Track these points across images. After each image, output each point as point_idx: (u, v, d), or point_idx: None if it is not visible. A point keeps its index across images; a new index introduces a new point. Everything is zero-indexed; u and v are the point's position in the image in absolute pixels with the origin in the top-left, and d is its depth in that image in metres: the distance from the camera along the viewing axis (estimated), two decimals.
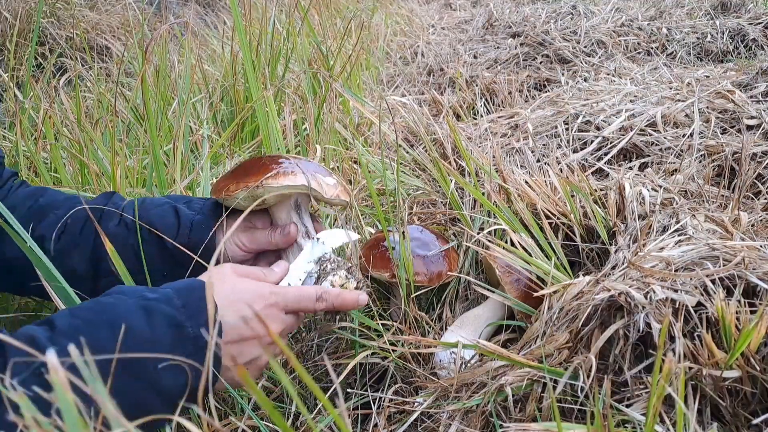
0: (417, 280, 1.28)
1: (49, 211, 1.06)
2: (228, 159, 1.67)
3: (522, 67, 2.97)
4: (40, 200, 1.08)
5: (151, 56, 2.24)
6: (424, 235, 1.38)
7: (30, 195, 1.10)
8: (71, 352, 0.44)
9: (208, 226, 1.06)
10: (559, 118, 1.99)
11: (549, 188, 1.46)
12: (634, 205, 1.33)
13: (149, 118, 1.34)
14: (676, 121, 1.84)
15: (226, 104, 2.23)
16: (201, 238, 1.05)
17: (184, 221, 1.07)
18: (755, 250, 1.03)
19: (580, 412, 0.94)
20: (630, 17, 3.37)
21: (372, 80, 2.99)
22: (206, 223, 1.07)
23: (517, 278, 1.25)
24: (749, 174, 1.50)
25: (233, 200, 1.05)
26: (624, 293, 0.94)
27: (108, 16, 4.10)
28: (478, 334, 1.22)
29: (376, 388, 1.22)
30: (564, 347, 1.00)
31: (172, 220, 1.06)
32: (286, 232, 1.08)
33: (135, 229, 1.04)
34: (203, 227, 1.06)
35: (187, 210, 1.09)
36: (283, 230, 1.08)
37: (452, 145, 1.87)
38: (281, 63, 2.19)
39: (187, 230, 1.06)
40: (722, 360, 0.84)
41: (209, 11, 5.18)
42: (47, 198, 1.09)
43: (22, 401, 0.43)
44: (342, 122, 1.98)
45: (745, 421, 0.86)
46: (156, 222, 1.05)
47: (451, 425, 1.00)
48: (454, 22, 4.44)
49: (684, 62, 2.92)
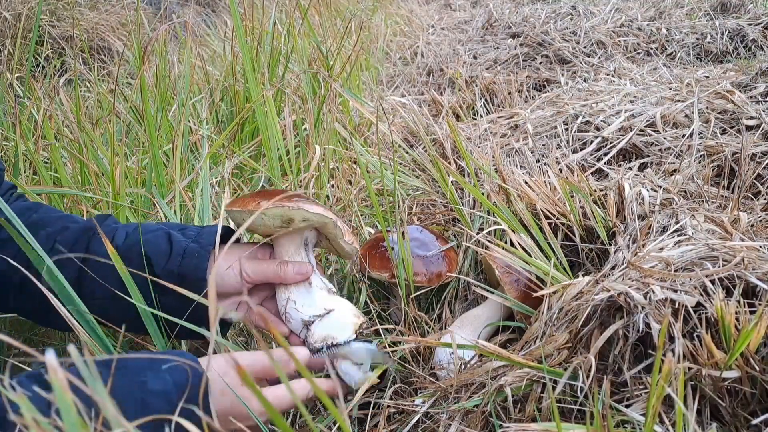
0: (416, 280, 1.28)
1: (40, 228, 1.02)
2: (227, 159, 1.67)
3: (522, 68, 2.97)
4: (33, 216, 1.06)
5: (151, 56, 2.24)
6: (423, 236, 1.38)
7: (23, 210, 1.07)
8: (70, 352, 0.44)
9: (201, 255, 1.03)
10: (558, 119, 1.99)
11: (548, 188, 1.46)
12: (633, 206, 1.33)
13: (148, 118, 1.34)
14: (676, 121, 1.84)
15: (226, 104, 2.23)
16: (193, 265, 1.02)
17: (177, 248, 1.03)
18: (755, 250, 1.03)
19: (580, 412, 0.94)
20: (629, 17, 3.37)
21: (372, 80, 2.99)
22: (199, 252, 1.03)
23: (516, 278, 1.25)
24: (749, 174, 1.50)
25: (260, 217, 1.02)
26: (623, 293, 0.94)
27: (108, 16, 4.10)
28: (477, 334, 1.22)
29: (376, 389, 1.22)
30: (563, 347, 1.00)
31: (164, 247, 1.03)
32: (303, 270, 1.05)
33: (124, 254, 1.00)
34: (196, 255, 1.02)
35: (181, 237, 1.05)
36: (299, 267, 1.05)
37: (452, 146, 1.87)
38: (281, 63, 2.19)
39: (179, 257, 1.02)
40: (722, 360, 0.84)
41: (209, 11, 5.18)
42: (40, 214, 1.07)
43: (22, 401, 0.43)
44: (342, 122, 1.98)
45: (745, 422, 0.86)
46: (147, 248, 1.02)
47: (450, 425, 1.00)
48: (453, 22, 4.44)
49: (683, 63, 2.92)
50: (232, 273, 1.03)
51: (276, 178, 1.57)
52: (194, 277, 1.01)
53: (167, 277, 1.00)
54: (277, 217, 1.02)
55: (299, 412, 1.14)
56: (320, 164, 1.63)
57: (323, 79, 2.02)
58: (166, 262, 1.01)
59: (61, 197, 1.51)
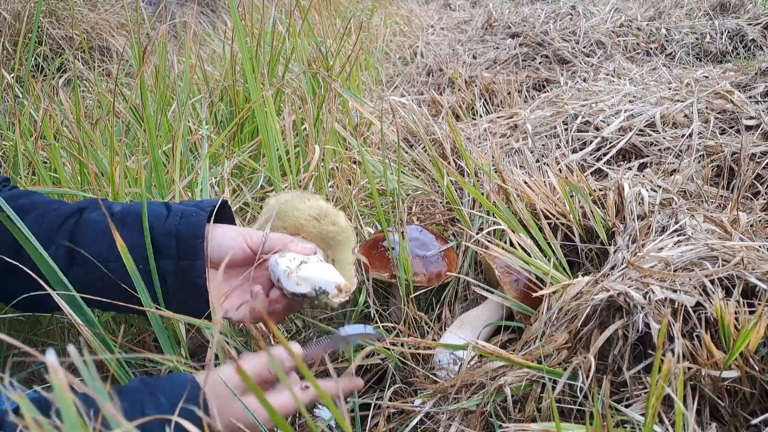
0: (416, 280, 1.28)
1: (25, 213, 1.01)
2: (227, 159, 1.67)
3: (521, 68, 2.97)
4: (21, 201, 1.04)
5: (151, 56, 2.24)
6: (423, 236, 1.38)
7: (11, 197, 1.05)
8: (70, 352, 0.44)
9: (199, 215, 1.00)
10: (558, 119, 1.99)
11: (548, 188, 1.46)
12: (633, 206, 1.33)
13: (148, 118, 1.34)
14: (675, 121, 1.85)
15: (226, 104, 2.23)
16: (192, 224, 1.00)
17: (175, 210, 1.02)
18: (754, 250, 1.04)
19: (579, 412, 0.94)
20: (629, 17, 3.37)
21: (371, 80, 2.99)
22: (198, 213, 1.01)
23: (516, 278, 1.25)
24: (748, 174, 1.50)
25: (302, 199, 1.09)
26: (623, 293, 0.94)
27: (107, 16, 4.10)
28: (477, 334, 1.22)
29: (376, 389, 1.22)
30: (563, 347, 1.00)
31: (161, 210, 1.02)
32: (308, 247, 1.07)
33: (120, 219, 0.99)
34: (194, 215, 1.01)
35: (179, 204, 1.05)
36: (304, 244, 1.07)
37: (452, 146, 1.87)
38: (281, 63, 2.19)
39: (177, 218, 1.00)
40: (721, 360, 0.84)
41: (209, 11, 5.18)
42: (28, 200, 1.06)
43: (22, 402, 0.43)
44: (341, 122, 1.98)
45: (744, 422, 0.86)
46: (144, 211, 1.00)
47: (450, 426, 1.00)
48: (453, 22, 4.44)
49: (683, 62, 2.92)
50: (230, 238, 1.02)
51: (275, 178, 1.57)
52: (192, 234, 0.99)
53: (164, 238, 0.98)
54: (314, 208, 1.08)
55: (299, 413, 1.14)
56: (320, 164, 1.63)
57: (323, 79, 2.02)
58: (163, 222, 1.00)
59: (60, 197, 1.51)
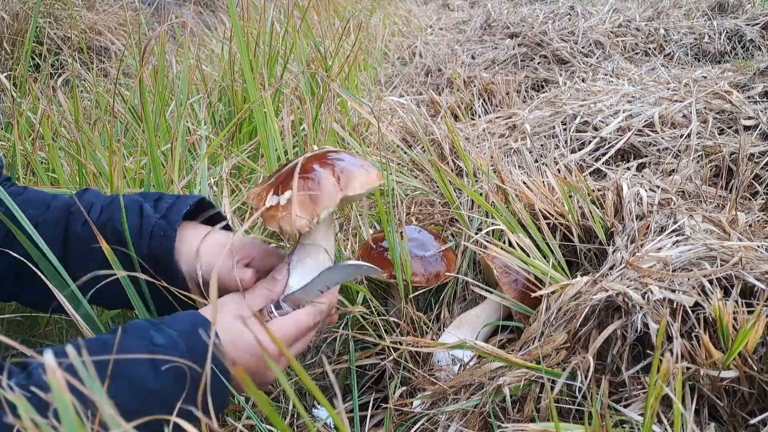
0: (415, 280, 1.28)
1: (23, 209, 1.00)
2: (226, 159, 1.67)
3: (520, 68, 2.97)
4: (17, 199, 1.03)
5: (150, 56, 2.24)
6: (422, 236, 1.38)
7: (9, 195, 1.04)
8: (69, 353, 0.44)
9: (168, 234, 0.97)
10: (556, 119, 1.99)
11: (547, 189, 1.46)
12: (631, 206, 1.33)
13: (147, 118, 1.34)
14: (674, 121, 1.85)
15: (224, 105, 2.23)
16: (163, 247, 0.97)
17: (146, 225, 0.99)
18: (752, 250, 1.04)
19: (578, 412, 0.94)
20: (628, 18, 3.37)
21: (370, 81, 2.98)
22: (166, 230, 0.97)
23: (515, 279, 1.25)
24: (746, 174, 1.50)
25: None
26: (622, 293, 0.94)
27: (106, 16, 4.09)
28: (475, 334, 1.22)
29: (375, 389, 1.22)
30: (562, 348, 1.00)
31: (135, 221, 0.99)
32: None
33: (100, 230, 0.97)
34: (162, 235, 0.97)
35: (151, 211, 1.01)
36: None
37: (450, 146, 1.87)
38: (279, 63, 2.19)
39: (147, 238, 0.98)
40: (720, 360, 0.85)
41: (207, 11, 5.18)
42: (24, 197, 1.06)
43: (21, 402, 0.43)
44: (340, 123, 1.98)
45: (743, 421, 0.86)
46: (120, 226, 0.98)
47: (449, 426, 1.00)
48: (452, 22, 4.45)
49: (681, 63, 2.93)
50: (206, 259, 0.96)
51: None
52: (165, 260, 0.97)
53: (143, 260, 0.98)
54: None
55: (298, 413, 1.13)
56: None
57: (322, 79, 2.02)
58: (137, 244, 0.98)
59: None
